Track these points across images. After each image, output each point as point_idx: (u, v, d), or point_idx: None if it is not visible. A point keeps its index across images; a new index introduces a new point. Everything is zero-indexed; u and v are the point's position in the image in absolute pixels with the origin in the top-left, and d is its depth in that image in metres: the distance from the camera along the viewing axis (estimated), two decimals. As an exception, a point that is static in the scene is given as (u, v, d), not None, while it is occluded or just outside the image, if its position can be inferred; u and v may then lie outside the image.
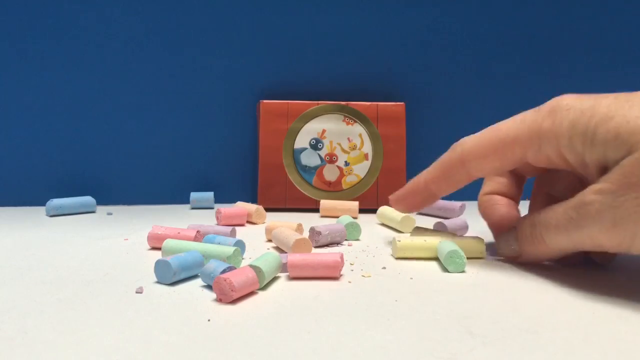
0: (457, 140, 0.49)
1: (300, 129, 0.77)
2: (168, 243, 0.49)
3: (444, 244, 0.48)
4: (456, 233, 0.57)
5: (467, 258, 0.49)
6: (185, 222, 0.65)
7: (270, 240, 0.56)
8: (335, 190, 0.77)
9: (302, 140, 0.77)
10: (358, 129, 0.78)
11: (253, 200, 0.80)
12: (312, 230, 0.54)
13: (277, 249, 0.53)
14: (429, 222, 0.66)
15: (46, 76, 0.77)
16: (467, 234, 0.62)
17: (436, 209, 0.71)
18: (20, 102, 0.76)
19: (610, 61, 0.88)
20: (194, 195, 0.78)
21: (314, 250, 0.52)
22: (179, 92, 0.80)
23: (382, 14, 0.84)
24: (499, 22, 0.86)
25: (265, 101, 0.78)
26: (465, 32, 0.85)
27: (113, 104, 0.79)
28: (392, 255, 0.51)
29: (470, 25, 0.85)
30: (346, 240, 0.57)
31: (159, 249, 0.50)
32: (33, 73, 0.76)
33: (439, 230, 0.59)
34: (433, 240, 0.51)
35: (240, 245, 0.50)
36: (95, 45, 0.77)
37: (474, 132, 0.48)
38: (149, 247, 0.53)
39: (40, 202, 0.76)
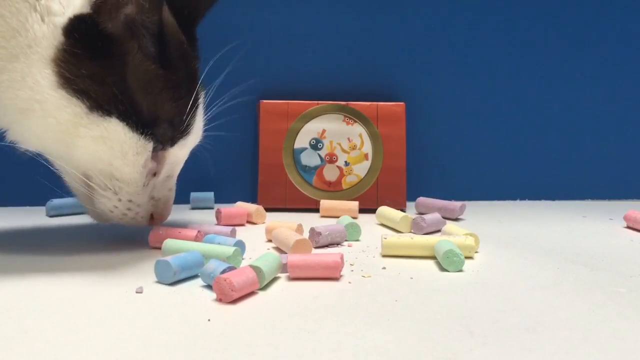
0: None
1: (300, 129, 0.77)
2: (168, 243, 0.49)
3: (440, 244, 0.48)
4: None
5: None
6: (185, 222, 0.65)
7: (270, 241, 0.56)
8: (335, 190, 0.77)
9: (302, 140, 0.77)
10: (358, 129, 0.78)
11: (253, 200, 0.80)
12: (312, 230, 0.54)
13: (277, 249, 0.53)
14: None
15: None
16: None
17: (436, 208, 0.71)
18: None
19: (614, 60, 0.88)
20: (194, 195, 0.78)
21: (314, 251, 0.52)
22: (179, 92, 0.80)
23: (382, 15, 0.84)
24: (499, 22, 0.86)
25: (265, 101, 0.78)
26: (465, 32, 0.85)
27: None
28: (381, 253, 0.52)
29: (470, 26, 0.85)
30: (346, 240, 0.57)
31: (159, 248, 0.50)
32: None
33: (418, 223, 0.60)
34: (420, 238, 0.51)
35: (240, 245, 0.50)
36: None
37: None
38: (149, 247, 0.53)
39: (40, 202, 0.76)
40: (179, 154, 0.50)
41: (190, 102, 0.48)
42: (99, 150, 0.45)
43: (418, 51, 0.84)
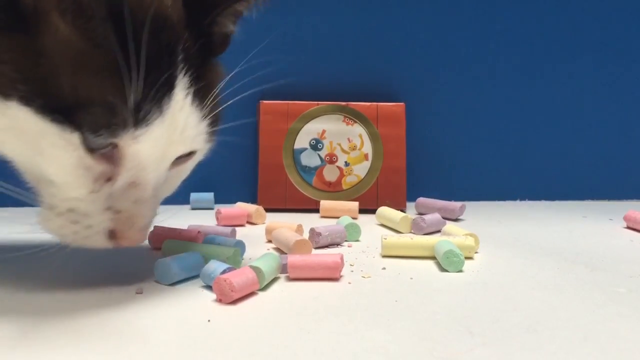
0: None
1: (300, 129, 0.77)
2: (168, 243, 0.49)
3: (440, 244, 0.48)
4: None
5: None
6: (185, 222, 0.65)
7: (270, 241, 0.56)
8: (335, 190, 0.77)
9: (302, 140, 0.77)
10: (358, 129, 0.78)
11: (253, 200, 0.80)
12: (312, 231, 0.54)
13: (277, 249, 0.53)
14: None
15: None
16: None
17: (436, 209, 0.71)
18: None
19: (613, 60, 0.88)
20: (193, 196, 0.78)
21: (314, 251, 0.52)
22: (179, 92, 0.80)
23: (382, 15, 0.84)
24: (499, 22, 0.86)
25: (265, 101, 0.78)
26: (465, 32, 0.85)
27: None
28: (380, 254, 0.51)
29: (470, 26, 0.85)
30: (346, 241, 0.57)
31: (159, 249, 0.50)
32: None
33: (418, 223, 0.60)
34: (420, 239, 0.51)
35: (240, 245, 0.50)
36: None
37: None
38: (149, 247, 0.53)
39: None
40: (141, 152, 0.37)
41: (137, 82, 0.35)
42: (15, 145, 0.38)
43: (418, 51, 0.84)
